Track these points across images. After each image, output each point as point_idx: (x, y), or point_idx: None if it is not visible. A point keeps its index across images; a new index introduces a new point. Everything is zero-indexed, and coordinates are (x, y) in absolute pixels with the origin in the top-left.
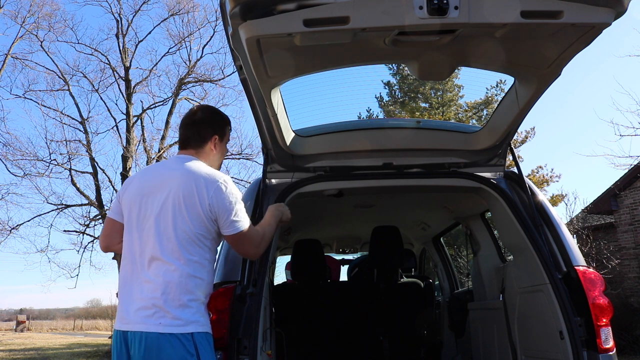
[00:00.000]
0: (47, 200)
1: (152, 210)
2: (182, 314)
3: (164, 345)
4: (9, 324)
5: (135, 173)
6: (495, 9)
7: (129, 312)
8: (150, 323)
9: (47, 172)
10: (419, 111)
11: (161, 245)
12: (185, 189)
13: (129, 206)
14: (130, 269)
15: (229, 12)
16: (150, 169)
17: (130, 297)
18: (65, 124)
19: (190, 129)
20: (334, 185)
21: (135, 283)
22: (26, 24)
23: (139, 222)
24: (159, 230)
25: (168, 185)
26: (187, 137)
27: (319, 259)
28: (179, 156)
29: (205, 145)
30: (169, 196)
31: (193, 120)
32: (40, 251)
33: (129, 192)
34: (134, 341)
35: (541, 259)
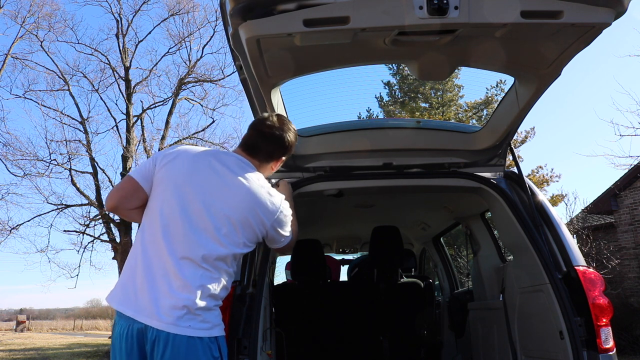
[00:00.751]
0: (47, 200)
1: (205, 211)
2: (210, 318)
3: (192, 348)
4: (9, 324)
5: (182, 148)
6: (495, 9)
7: (155, 305)
8: (181, 325)
9: (47, 172)
10: (419, 111)
11: (207, 250)
12: (250, 212)
13: (166, 185)
14: (157, 255)
15: (229, 12)
16: (204, 159)
17: (155, 287)
18: (65, 124)
19: (267, 143)
20: (334, 185)
21: (163, 273)
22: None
23: (178, 212)
24: (207, 235)
25: (229, 196)
26: (261, 148)
27: (319, 259)
28: (242, 160)
29: (271, 162)
30: (230, 209)
31: (274, 136)
32: (40, 251)
33: (172, 171)
34: (158, 340)
35: (541, 259)
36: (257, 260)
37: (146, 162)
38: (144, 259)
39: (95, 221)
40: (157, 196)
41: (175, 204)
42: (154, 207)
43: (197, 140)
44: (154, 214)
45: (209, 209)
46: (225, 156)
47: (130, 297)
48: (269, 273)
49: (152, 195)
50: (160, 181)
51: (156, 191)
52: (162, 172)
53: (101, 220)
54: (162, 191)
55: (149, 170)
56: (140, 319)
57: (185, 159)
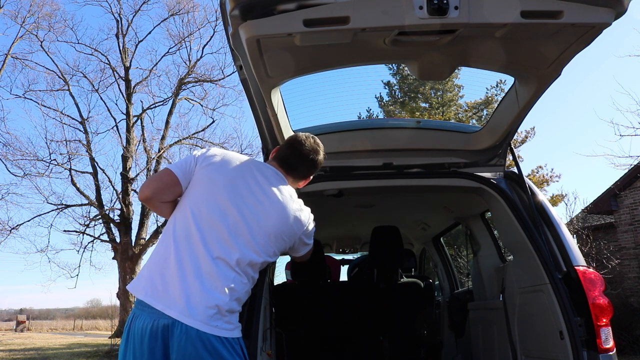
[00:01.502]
0: (47, 200)
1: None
2: (234, 319)
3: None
4: (9, 324)
5: (226, 152)
6: (495, 9)
7: (187, 302)
8: (210, 324)
9: (47, 172)
10: (419, 111)
11: (242, 254)
12: (285, 227)
13: (208, 188)
14: (189, 252)
15: (229, 12)
16: (246, 166)
17: (187, 284)
18: (65, 124)
19: (306, 165)
20: (334, 185)
21: (196, 271)
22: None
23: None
24: (243, 241)
25: (268, 208)
26: (297, 169)
27: (319, 259)
28: (280, 175)
29: (303, 180)
30: (268, 221)
31: (311, 160)
32: (40, 251)
33: (214, 172)
34: (187, 337)
35: (541, 259)
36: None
37: (187, 158)
38: (177, 254)
39: (95, 221)
40: (195, 195)
41: (215, 205)
42: (190, 204)
43: (197, 141)
44: (190, 212)
45: (247, 216)
46: (265, 168)
47: (158, 290)
48: (269, 273)
49: (189, 192)
50: (200, 180)
51: (194, 189)
52: (203, 172)
53: (101, 220)
54: (201, 190)
55: (190, 167)
56: (170, 313)
57: (229, 163)
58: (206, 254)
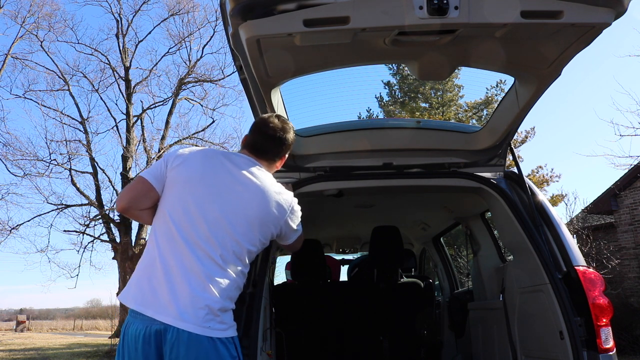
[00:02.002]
0: (47, 200)
1: (221, 210)
2: (227, 319)
3: (213, 349)
4: (9, 324)
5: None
6: (495, 9)
7: (176, 306)
8: (203, 325)
9: (47, 172)
10: (419, 111)
11: (225, 248)
12: (265, 211)
13: (183, 188)
14: (173, 255)
15: (229, 12)
16: (216, 159)
17: (174, 287)
18: (65, 124)
19: (275, 144)
20: (334, 185)
21: (183, 273)
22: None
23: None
24: (224, 234)
25: (244, 196)
26: (267, 151)
27: (319, 259)
28: (253, 162)
29: (277, 161)
30: (246, 209)
31: (279, 138)
32: (40, 251)
33: (185, 171)
34: (178, 340)
35: (541, 259)
36: (257, 260)
37: (157, 163)
38: (161, 259)
39: (95, 221)
40: (171, 197)
41: (191, 203)
42: (167, 207)
43: (197, 140)
44: (168, 214)
45: (225, 209)
46: (235, 156)
47: (147, 297)
48: (269, 273)
49: (165, 196)
50: (173, 182)
51: (169, 192)
52: (175, 173)
53: (101, 220)
54: (176, 192)
55: (161, 171)
56: (161, 318)
57: (198, 159)
58: (190, 254)
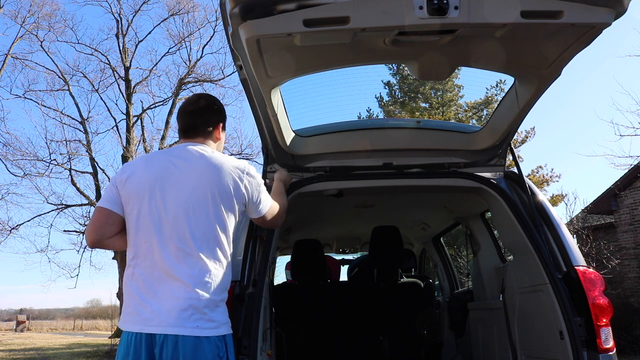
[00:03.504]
0: (47, 200)
1: (178, 203)
2: (217, 316)
3: (200, 348)
4: (9, 324)
5: (135, 161)
6: (495, 9)
7: (158, 313)
8: (188, 326)
9: (47, 172)
10: (419, 111)
11: (195, 240)
12: (218, 182)
13: (135, 199)
14: (149, 266)
15: (229, 12)
16: (157, 158)
17: (156, 298)
18: (65, 124)
19: (196, 116)
20: (334, 185)
21: (160, 281)
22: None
23: (155, 216)
24: (190, 224)
25: (194, 177)
26: (195, 125)
27: (319, 259)
28: (189, 145)
29: (213, 133)
30: (200, 189)
31: (198, 108)
32: (40, 251)
33: (133, 184)
34: (165, 344)
35: (541, 259)
36: (257, 260)
37: (107, 187)
38: (140, 274)
39: None
40: (131, 214)
41: (153, 210)
42: (132, 225)
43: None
44: (135, 232)
45: (180, 199)
46: (176, 150)
47: (133, 315)
48: (269, 273)
49: (127, 215)
50: (128, 200)
51: (128, 210)
52: (126, 190)
53: None
54: (133, 208)
55: (113, 194)
56: (148, 330)
57: (141, 168)
58: (165, 258)
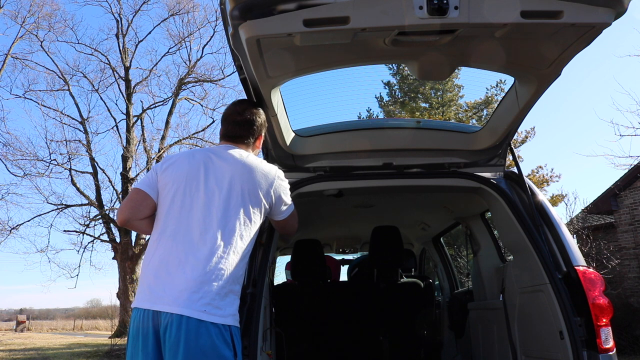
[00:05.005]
0: (47, 200)
1: (209, 195)
2: (225, 305)
3: (203, 332)
4: (9, 324)
5: (178, 153)
6: (495, 9)
7: (169, 293)
8: (195, 308)
9: (47, 172)
10: (419, 111)
11: (219, 231)
12: (250, 181)
13: (171, 186)
14: (170, 247)
15: (229, 12)
16: (199, 153)
17: (169, 278)
18: (65, 124)
19: (242, 128)
20: (334, 185)
21: (177, 263)
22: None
23: (187, 203)
24: (217, 216)
25: (228, 174)
26: (240, 136)
27: (319, 259)
28: (230, 147)
29: (255, 143)
30: (232, 185)
31: (244, 120)
32: (40, 251)
33: (173, 172)
34: (171, 324)
35: (541, 259)
36: (257, 260)
37: (149, 173)
38: (161, 254)
39: (95, 221)
40: (165, 198)
41: (186, 197)
42: (164, 208)
43: (197, 140)
44: (165, 214)
45: (215, 190)
46: (217, 148)
47: (145, 293)
48: (269, 273)
49: (160, 200)
50: (165, 185)
51: (163, 194)
52: (165, 176)
53: (101, 220)
54: (168, 192)
55: (152, 179)
56: (156, 307)
57: (184, 159)
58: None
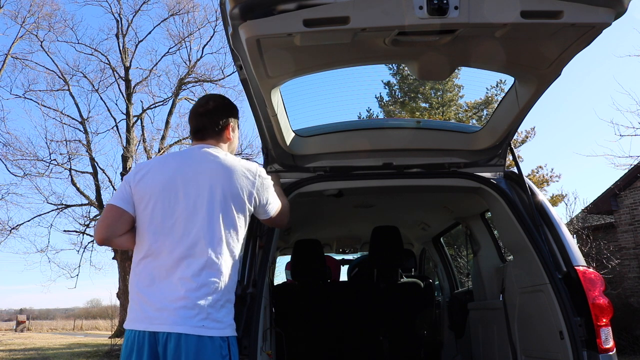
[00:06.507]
0: (47, 200)
1: (189, 204)
2: (222, 316)
3: (203, 348)
4: (9, 324)
5: (150, 161)
6: (495, 9)
7: (163, 312)
8: (192, 325)
9: (47, 172)
10: (419, 111)
11: (205, 241)
12: (230, 183)
13: (149, 199)
14: (158, 265)
15: (229, 12)
16: (172, 159)
17: (160, 296)
18: (65, 124)
19: (205, 118)
20: (334, 185)
21: (167, 280)
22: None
23: (167, 216)
24: (201, 225)
25: (206, 179)
26: (205, 126)
27: (319, 259)
28: (202, 147)
29: (222, 134)
30: (211, 190)
31: (207, 110)
32: (40, 251)
33: (148, 183)
34: (169, 343)
35: (541, 259)
36: (257, 260)
37: (121, 186)
38: (148, 273)
39: (95, 221)
40: (144, 212)
41: (165, 210)
42: (144, 224)
43: None
44: (147, 230)
45: (194, 199)
46: (190, 151)
47: (137, 313)
48: (269, 273)
49: (139, 214)
50: (141, 198)
51: (140, 208)
52: (139, 189)
53: None
54: (146, 206)
55: (126, 192)
56: (152, 328)
57: (157, 167)
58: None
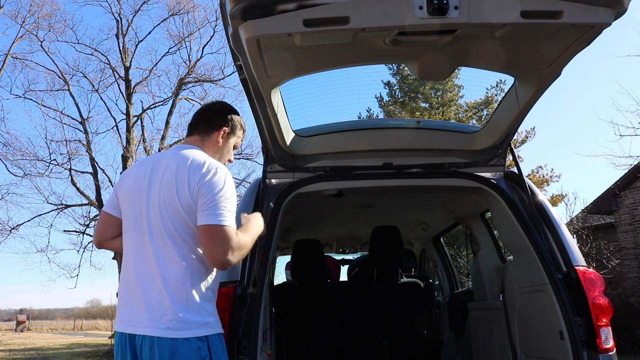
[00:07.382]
0: (47, 200)
1: (154, 204)
2: (192, 316)
3: (178, 350)
4: (9, 324)
5: (132, 166)
6: (495, 9)
7: (136, 314)
8: (160, 327)
9: (47, 172)
10: (419, 111)
11: (170, 240)
12: (177, 177)
13: (126, 201)
14: (132, 267)
15: (229, 12)
16: (147, 161)
17: (134, 298)
18: (65, 124)
19: (202, 114)
20: (334, 185)
21: (139, 283)
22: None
23: (136, 218)
24: (165, 225)
25: (169, 178)
26: (197, 122)
27: (319, 259)
28: (179, 145)
29: (213, 134)
30: (173, 188)
31: (208, 107)
32: (40, 251)
33: (125, 187)
34: (143, 345)
35: (541, 259)
36: (257, 260)
37: (112, 192)
38: (125, 275)
39: (95, 221)
40: (124, 216)
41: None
42: (124, 227)
43: None
44: (124, 233)
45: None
46: (163, 152)
47: (119, 316)
48: (269, 273)
49: (122, 218)
50: (122, 203)
51: (123, 212)
52: (121, 194)
53: None
54: (125, 209)
55: (112, 198)
56: (128, 330)
57: (133, 171)
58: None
